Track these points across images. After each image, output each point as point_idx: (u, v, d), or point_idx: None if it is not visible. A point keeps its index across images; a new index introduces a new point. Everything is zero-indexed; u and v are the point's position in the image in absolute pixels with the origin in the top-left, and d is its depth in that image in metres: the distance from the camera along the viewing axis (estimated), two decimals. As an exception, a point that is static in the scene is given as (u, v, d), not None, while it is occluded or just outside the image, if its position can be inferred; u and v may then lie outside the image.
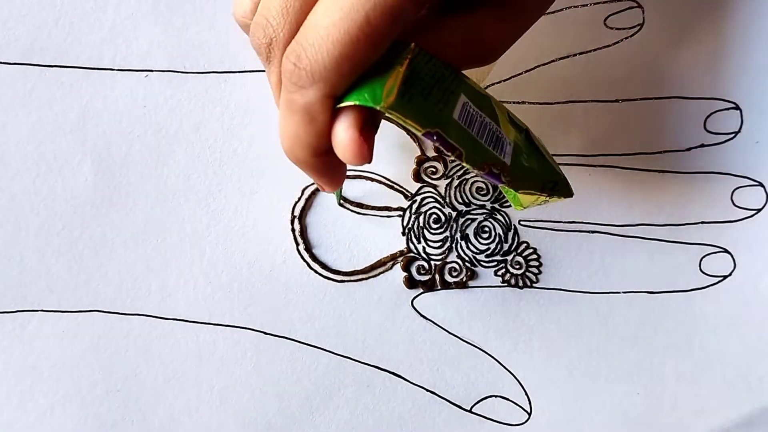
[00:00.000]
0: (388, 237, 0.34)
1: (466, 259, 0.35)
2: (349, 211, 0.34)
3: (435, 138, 0.22)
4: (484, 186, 0.34)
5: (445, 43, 0.24)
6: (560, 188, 0.27)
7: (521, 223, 0.34)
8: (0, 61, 0.33)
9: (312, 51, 0.21)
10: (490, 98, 0.26)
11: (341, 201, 0.34)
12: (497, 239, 0.35)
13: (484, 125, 0.24)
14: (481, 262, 0.35)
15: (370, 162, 0.22)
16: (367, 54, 0.21)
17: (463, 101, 0.24)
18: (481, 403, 0.35)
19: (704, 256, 0.35)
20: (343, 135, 0.22)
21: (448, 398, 0.35)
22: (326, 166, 0.24)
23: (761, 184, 0.35)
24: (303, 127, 0.22)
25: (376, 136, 0.23)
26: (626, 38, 0.34)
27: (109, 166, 0.33)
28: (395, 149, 0.34)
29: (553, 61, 0.34)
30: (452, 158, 0.24)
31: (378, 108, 0.21)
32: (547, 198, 0.27)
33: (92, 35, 0.33)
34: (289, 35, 0.22)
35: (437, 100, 0.22)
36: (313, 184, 0.34)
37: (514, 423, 0.35)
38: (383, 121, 0.34)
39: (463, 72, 0.25)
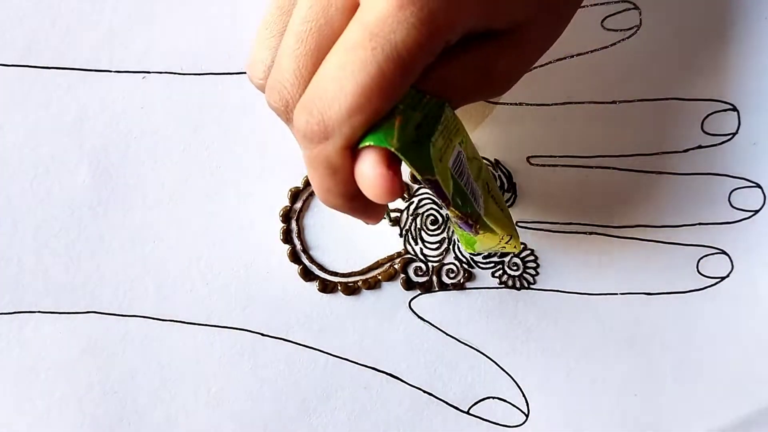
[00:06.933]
0: (386, 238, 0.34)
1: (464, 260, 0.35)
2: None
3: (431, 185, 0.21)
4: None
5: (453, 78, 0.23)
6: (514, 242, 0.28)
7: (518, 224, 0.34)
8: (-3, 63, 0.33)
9: (323, 104, 0.20)
10: (472, 148, 0.27)
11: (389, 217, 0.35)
12: (494, 241, 0.35)
13: (468, 176, 0.24)
14: (479, 264, 0.35)
15: (401, 196, 0.21)
16: (381, 104, 0.20)
17: (458, 150, 0.23)
18: (478, 404, 0.35)
19: (701, 258, 0.35)
20: (370, 173, 0.21)
21: (445, 400, 0.35)
22: (364, 206, 0.24)
23: (759, 186, 0.35)
24: (329, 180, 0.22)
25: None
26: (623, 39, 0.34)
27: (106, 168, 0.33)
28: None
29: (550, 62, 0.34)
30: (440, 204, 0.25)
31: (392, 149, 0.20)
32: (504, 246, 0.28)
33: (89, 37, 0.33)
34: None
35: (441, 148, 0.22)
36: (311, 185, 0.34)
37: (512, 425, 0.35)
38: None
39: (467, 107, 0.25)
